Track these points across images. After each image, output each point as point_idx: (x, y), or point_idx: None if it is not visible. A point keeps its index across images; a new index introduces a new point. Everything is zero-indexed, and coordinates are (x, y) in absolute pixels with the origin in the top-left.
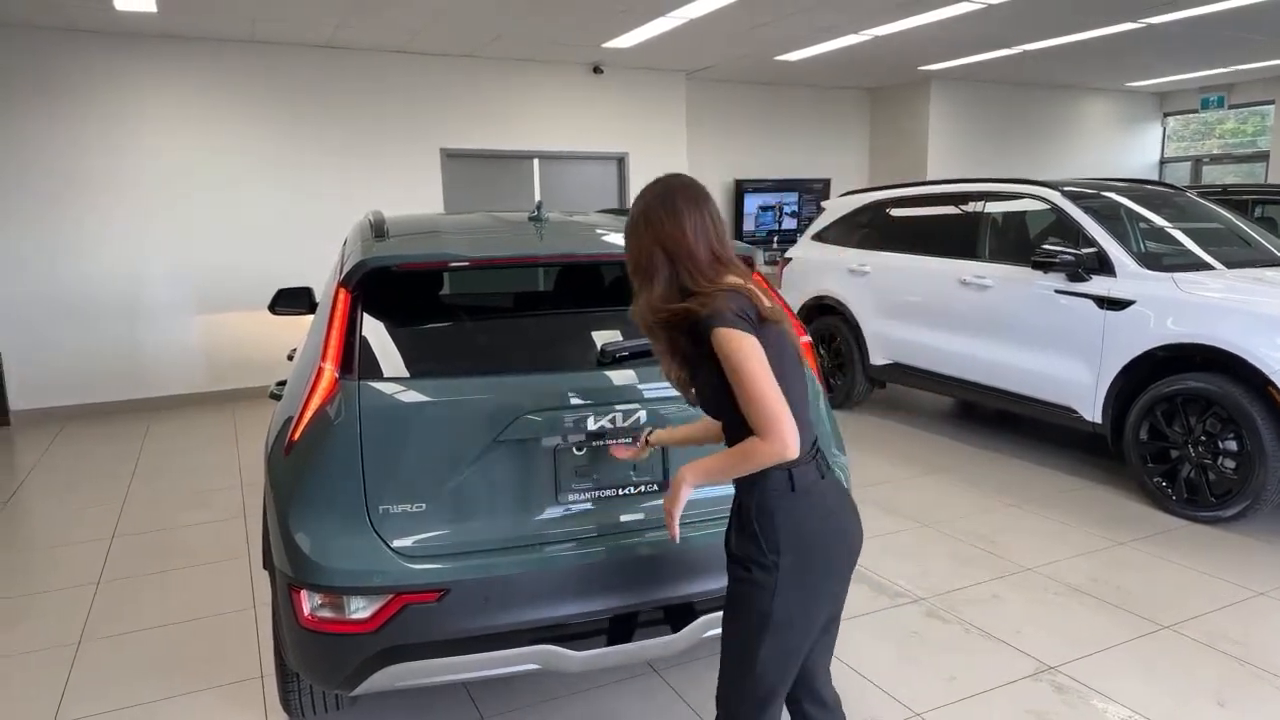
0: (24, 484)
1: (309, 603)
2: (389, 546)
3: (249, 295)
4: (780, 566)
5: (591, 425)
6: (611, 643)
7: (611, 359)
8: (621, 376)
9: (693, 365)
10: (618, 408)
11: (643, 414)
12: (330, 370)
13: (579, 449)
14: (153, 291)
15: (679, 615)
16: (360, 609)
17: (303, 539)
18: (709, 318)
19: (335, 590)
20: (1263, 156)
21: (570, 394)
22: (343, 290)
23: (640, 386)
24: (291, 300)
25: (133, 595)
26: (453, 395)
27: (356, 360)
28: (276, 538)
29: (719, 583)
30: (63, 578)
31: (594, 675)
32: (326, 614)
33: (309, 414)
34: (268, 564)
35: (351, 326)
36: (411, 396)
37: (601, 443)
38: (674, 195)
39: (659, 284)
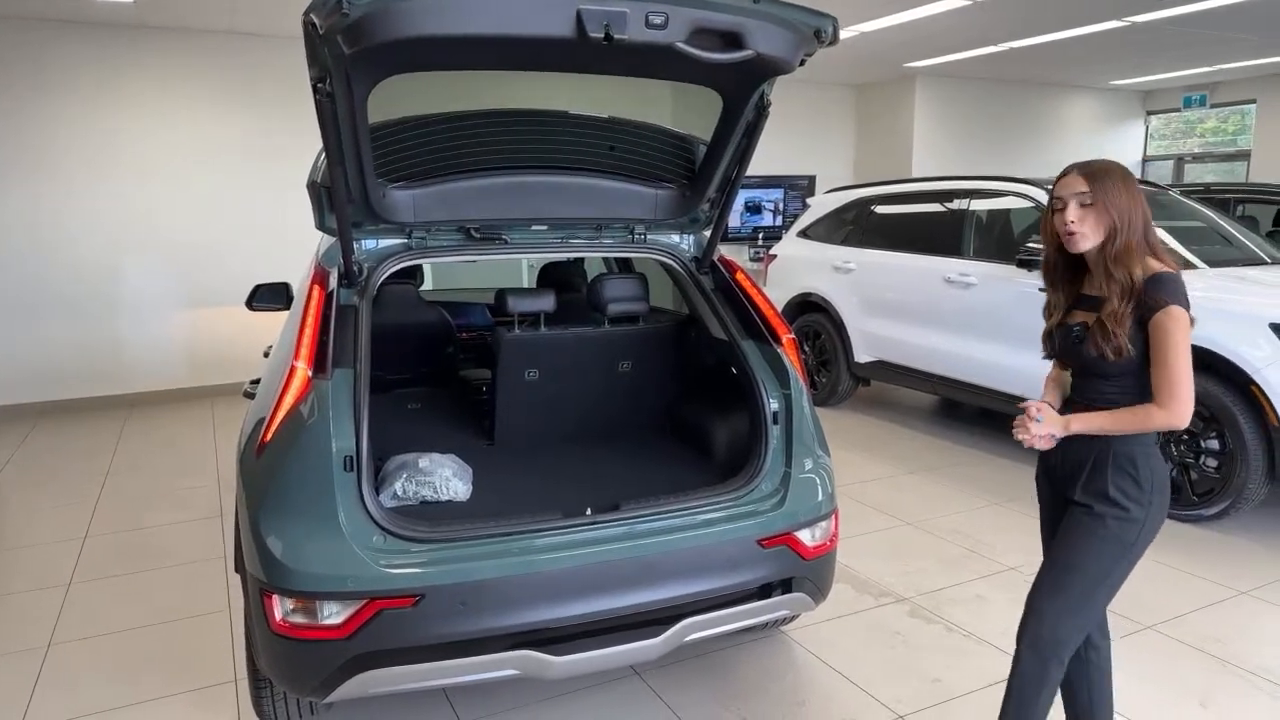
0: None
1: (281, 607)
2: (363, 550)
3: (230, 289)
4: (1153, 504)
5: None
6: (592, 648)
7: None
8: None
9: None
10: None
11: None
12: (303, 368)
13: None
14: (130, 285)
15: (661, 619)
16: (333, 614)
17: (274, 542)
18: (1175, 293)
19: (307, 595)
20: (1244, 155)
21: None
22: (318, 286)
23: None
24: (269, 296)
25: (105, 597)
26: None
27: (330, 358)
28: (248, 541)
29: (701, 586)
30: (32, 579)
31: (576, 679)
32: (299, 619)
33: (281, 414)
34: (239, 567)
35: (326, 323)
36: None
37: None
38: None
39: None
